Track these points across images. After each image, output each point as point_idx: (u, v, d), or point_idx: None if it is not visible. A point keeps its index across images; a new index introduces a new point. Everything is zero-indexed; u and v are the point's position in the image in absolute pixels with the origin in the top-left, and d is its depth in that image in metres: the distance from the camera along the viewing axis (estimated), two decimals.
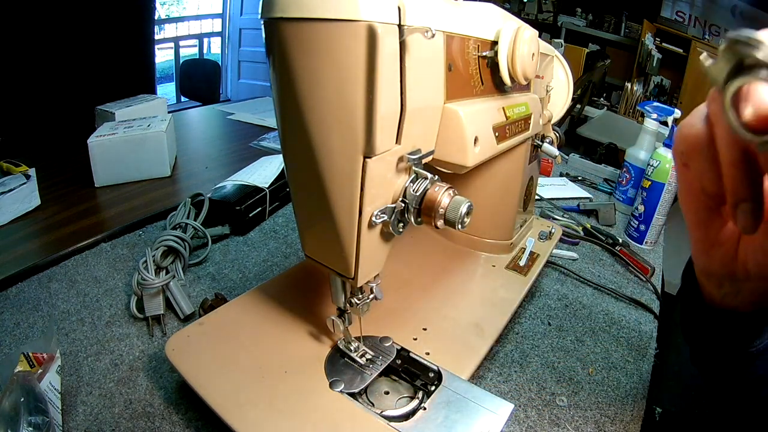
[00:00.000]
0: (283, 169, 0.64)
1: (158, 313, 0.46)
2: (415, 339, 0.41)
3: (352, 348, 0.37)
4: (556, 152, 0.54)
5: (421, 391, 0.35)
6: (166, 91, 3.09)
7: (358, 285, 0.33)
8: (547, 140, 0.54)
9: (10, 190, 0.73)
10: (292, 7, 0.24)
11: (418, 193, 0.30)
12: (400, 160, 0.29)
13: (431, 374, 0.36)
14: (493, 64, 0.37)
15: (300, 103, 0.27)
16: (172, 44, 3.09)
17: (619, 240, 0.71)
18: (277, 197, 0.73)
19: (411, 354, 0.38)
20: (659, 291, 0.62)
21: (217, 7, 3.32)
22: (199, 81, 2.69)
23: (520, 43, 0.36)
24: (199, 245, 0.59)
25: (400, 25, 0.25)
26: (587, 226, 0.73)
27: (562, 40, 2.99)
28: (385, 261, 0.34)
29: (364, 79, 0.25)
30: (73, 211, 0.69)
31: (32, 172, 0.79)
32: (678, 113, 0.81)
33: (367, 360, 0.37)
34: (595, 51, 3.08)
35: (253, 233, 0.66)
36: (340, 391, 0.34)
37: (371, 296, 0.35)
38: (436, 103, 0.31)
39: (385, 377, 0.37)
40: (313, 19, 0.24)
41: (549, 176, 0.99)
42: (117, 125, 0.81)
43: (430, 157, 0.32)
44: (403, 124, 0.28)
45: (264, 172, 0.74)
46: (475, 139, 0.34)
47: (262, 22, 0.26)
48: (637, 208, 0.73)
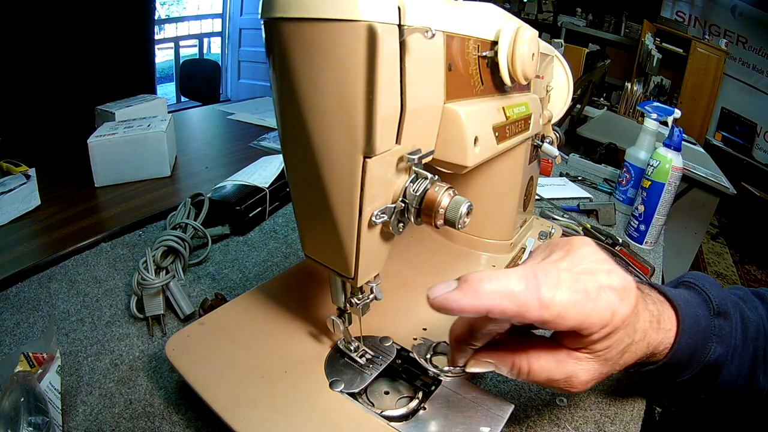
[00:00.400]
0: (283, 169, 0.64)
1: (158, 313, 0.46)
2: (415, 339, 0.40)
3: (352, 348, 0.37)
4: (556, 152, 0.54)
5: (421, 391, 0.35)
6: (166, 91, 3.09)
7: (358, 285, 0.33)
8: (547, 140, 0.54)
9: (10, 190, 0.73)
10: (292, 7, 0.24)
11: (418, 193, 0.30)
12: (400, 160, 0.29)
13: (431, 374, 0.36)
14: (493, 64, 0.37)
15: (300, 103, 0.27)
16: (172, 44, 3.10)
17: (619, 240, 0.71)
18: (277, 197, 0.73)
19: (411, 354, 0.38)
20: None
21: (217, 7, 3.32)
22: (199, 81, 2.70)
23: (520, 43, 0.36)
24: (199, 245, 0.59)
25: (400, 25, 0.25)
26: (587, 226, 0.73)
27: (562, 40, 3.00)
28: (385, 261, 0.34)
29: (364, 79, 0.25)
30: (73, 211, 0.69)
31: (32, 172, 0.79)
32: (678, 113, 0.81)
33: (367, 360, 0.37)
34: (595, 51, 3.09)
35: (253, 233, 0.66)
36: (340, 391, 0.34)
37: (371, 296, 0.35)
38: (436, 103, 0.31)
39: (385, 377, 0.37)
40: (313, 19, 0.24)
41: (549, 176, 0.99)
42: (117, 125, 0.81)
43: (430, 157, 0.32)
44: (403, 124, 0.28)
45: (264, 172, 0.74)
46: (475, 139, 0.34)
47: (262, 22, 0.26)
48: (637, 208, 0.73)
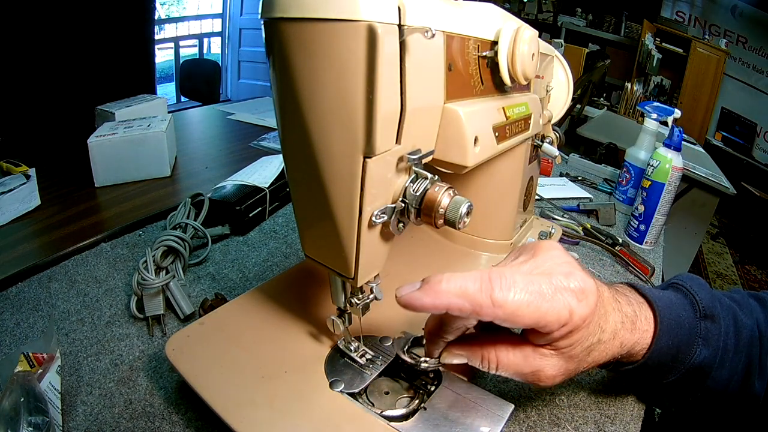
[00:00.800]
0: (283, 169, 0.64)
1: (158, 313, 0.46)
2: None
3: (352, 348, 0.37)
4: (556, 152, 0.54)
5: (421, 391, 0.35)
6: (166, 91, 3.09)
7: (358, 285, 0.33)
8: (547, 140, 0.54)
9: (10, 190, 0.73)
10: (293, 7, 0.24)
11: (418, 193, 0.30)
12: (400, 160, 0.29)
13: (431, 374, 0.36)
14: (493, 64, 0.37)
15: (300, 103, 0.27)
16: (172, 44, 3.10)
17: (619, 240, 0.71)
18: (277, 197, 0.73)
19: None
20: None
21: (217, 7, 3.32)
22: (199, 81, 2.70)
23: (520, 43, 0.36)
24: (199, 245, 0.59)
25: (400, 25, 0.25)
26: (587, 226, 0.73)
27: (562, 40, 2.99)
28: (385, 261, 0.34)
29: (364, 79, 0.25)
30: (73, 211, 0.69)
31: (32, 172, 0.79)
32: (678, 113, 0.81)
33: (367, 360, 0.37)
34: (595, 51, 3.09)
35: (253, 233, 0.66)
36: (340, 391, 0.34)
37: (371, 296, 0.35)
38: (436, 103, 0.31)
39: (385, 377, 0.37)
40: (314, 19, 0.24)
41: (549, 176, 0.99)
42: (117, 125, 0.81)
43: (430, 157, 0.32)
44: (403, 124, 0.28)
45: (264, 172, 0.74)
46: (475, 139, 0.34)
47: (262, 22, 0.26)
48: (637, 208, 0.73)
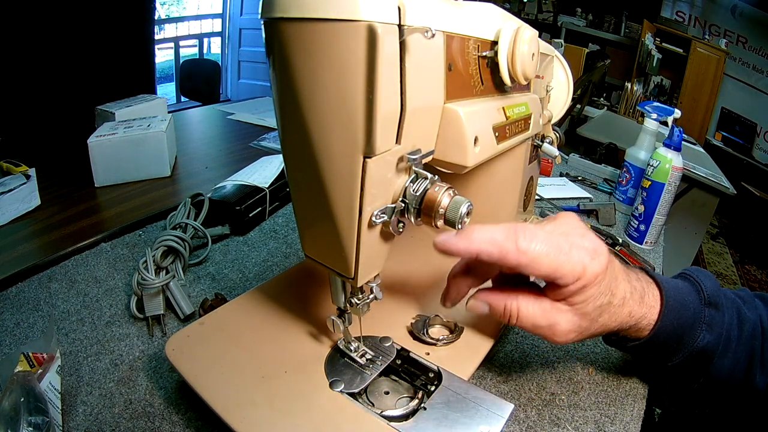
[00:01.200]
0: (283, 169, 0.64)
1: (158, 313, 0.46)
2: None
3: (352, 348, 0.37)
4: (556, 152, 0.54)
5: (421, 391, 0.35)
6: (166, 91, 3.09)
7: (358, 285, 0.33)
8: (547, 140, 0.54)
9: (10, 190, 0.73)
10: (293, 7, 0.24)
11: (418, 193, 0.30)
12: (400, 160, 0.29)
13: (431, 374, 0.36)
14: (493, 64, 0.37)
15: (300, 103, 0.27)
16: (172, 44, 3.10)
17: (619, 240, 0.71)
18: (277, 197, 0.73)
19: (411, 354, 0.38)
20: None
21: (217, 7, 3.32)
22: (199, 81, 2.70)
23: (520, 43, 0.36)
24: (199, 245, 0.59)
25: (400, 25, 0.25)
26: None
27: (562, 40, 2.99)
28: (385, 261, 0.34)
29: (364, 79, 0.25)
30: (73, 211, 0.69)
31: (32, 172, 0.80)
32: (678, 113, 0.81)
33: (367, 360, 0.37)
34: (595, 51, 3.09)
35: (253, 233, 0.66)
36: (340, 391, 0.34)
37: (371, 296, 0.35)
38: (436, 103, 0.31)
39: (385, 377, 0.37)
40: (314, 19, 0.24)
41: (549, 176, 0.99)
42: (117, 125, 0.81)
43: (430, 157, 0.32)
44: (403, 124, 0.28)
45: (264, 172, 0.74)
46: (475, 139, 0.34)
47: (262, 22, 0.26)
48: (637, 208, 0.73)
